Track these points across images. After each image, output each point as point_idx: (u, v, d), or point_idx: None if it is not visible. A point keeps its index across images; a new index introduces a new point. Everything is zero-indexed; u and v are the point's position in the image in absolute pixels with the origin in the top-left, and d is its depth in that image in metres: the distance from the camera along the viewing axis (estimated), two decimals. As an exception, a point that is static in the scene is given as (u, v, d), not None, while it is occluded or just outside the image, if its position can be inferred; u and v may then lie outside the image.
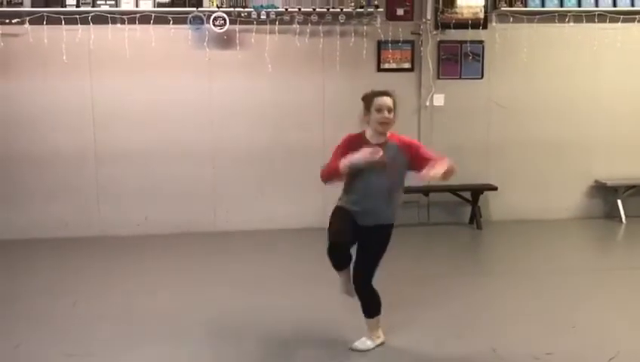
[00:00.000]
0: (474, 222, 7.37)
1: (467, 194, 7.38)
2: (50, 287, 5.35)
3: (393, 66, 7.30)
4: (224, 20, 6.81)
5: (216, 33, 6.90)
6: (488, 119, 7.51)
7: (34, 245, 6.74)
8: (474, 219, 7.39)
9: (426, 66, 7.31)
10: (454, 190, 7.23)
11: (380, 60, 7.28)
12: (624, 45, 7.41)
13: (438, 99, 7.40)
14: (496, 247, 6.79)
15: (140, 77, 7.02)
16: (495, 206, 7.60)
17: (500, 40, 7.34)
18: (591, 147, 7.64)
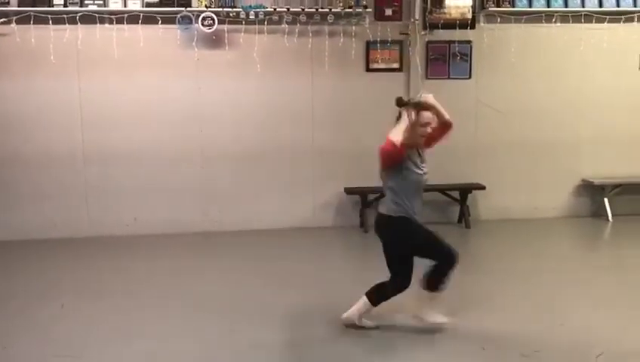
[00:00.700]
0: (462, 221, 7.41)
1: (456, 193, 7.42)
2: (38, 288, 5.33)
3: (382, 66, 7.32)
4: (213, 20, 6.80)
5: (204, 33, 6.90)
6: (476, 119, 7.56)
7: (22, 246, 6.70)
8: (462, 218, 7.43)
9: (415, 66, 7.32)
10: (443, 189, 7.26)
11: (369, 60, 7.30)
12: (610, 45, 7.49)
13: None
14: (484, 246, 6.82)
15: (129, 77, 7.00)
16: (483, 205, 7.65)
17: (488, 40, 7.38)
18: (578, 146, 7.71)
